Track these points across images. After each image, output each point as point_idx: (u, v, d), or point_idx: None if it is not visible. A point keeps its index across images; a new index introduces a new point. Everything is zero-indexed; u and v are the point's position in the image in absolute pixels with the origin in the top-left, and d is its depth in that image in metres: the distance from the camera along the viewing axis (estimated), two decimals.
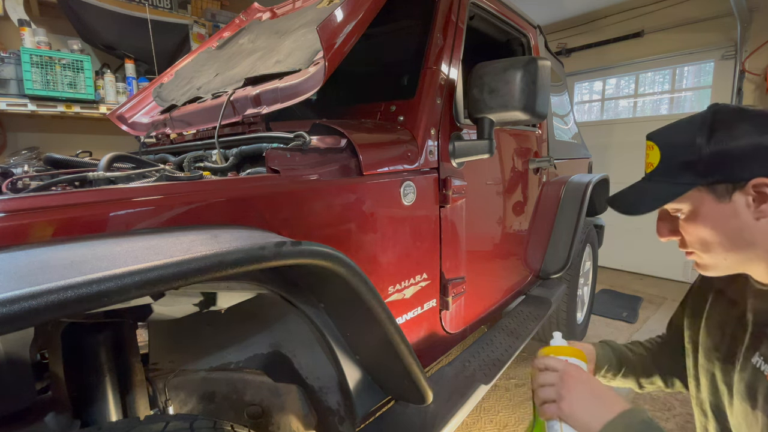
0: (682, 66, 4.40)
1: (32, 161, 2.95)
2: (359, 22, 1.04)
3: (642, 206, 0.76)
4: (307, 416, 1.03)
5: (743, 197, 0.68)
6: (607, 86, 4.99)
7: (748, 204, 0.68)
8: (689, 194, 0.72)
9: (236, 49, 1.77)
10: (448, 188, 1.31)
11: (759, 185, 0.67)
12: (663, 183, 0.75)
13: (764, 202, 0.67)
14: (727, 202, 0.69)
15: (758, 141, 0.66)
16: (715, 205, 0.70)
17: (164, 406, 0.96)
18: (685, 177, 0.71)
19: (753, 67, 3.84)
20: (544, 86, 1.18)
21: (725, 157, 0.68)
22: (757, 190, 0.67)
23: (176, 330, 1.15)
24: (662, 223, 0.80)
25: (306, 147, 0.99)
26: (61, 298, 0.41)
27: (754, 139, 0.67)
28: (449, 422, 1.15)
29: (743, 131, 0.68)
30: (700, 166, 0.70)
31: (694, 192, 0.71)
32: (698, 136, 0.70)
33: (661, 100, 4.61)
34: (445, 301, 1.37)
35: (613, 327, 3.15)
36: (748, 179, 0.67)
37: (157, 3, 3.35)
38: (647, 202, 0.76)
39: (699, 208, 0.72)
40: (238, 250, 0.57)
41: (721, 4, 3.82)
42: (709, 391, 0.83)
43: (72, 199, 0.63)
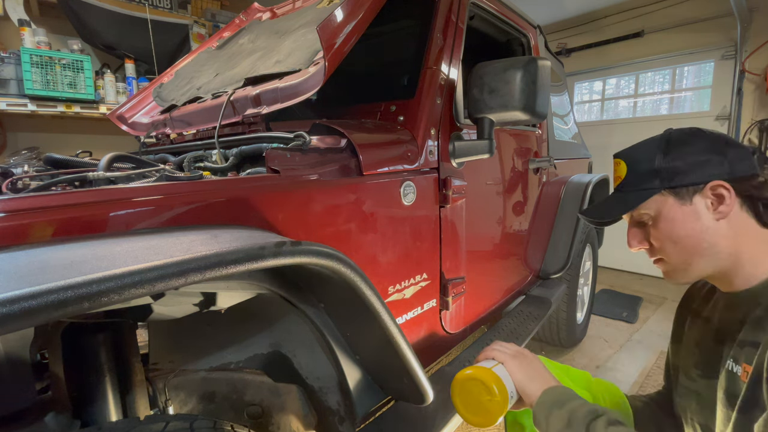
0: (682, 66, 4.40)
1: (32, 161, 2.95)
2: (359, 22, 1.04)
3: (614, 212, 0.83)
4: (307, 416, 1.03)
5: (703, 200, 0.74)
6: (607, 86, 4.99)
7: (707, 206, 0.74)
8: (655, 198, 0.78)
9: (236, 49, 1.77)
10: (448, 188, 1.31)
11: (716, 187, 0.73)
12: (631, 191, 0.81)
13: (722, 203, 0.73)
14: (689, 205, 0.75)
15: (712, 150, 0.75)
16: (678, 207, 0.76)
17: (164, 406, 0.95)
18: (651, 183, 0.78)
19: (753, 67, 3.84)
20: (544, 86, 1.18)
21: (684, 164, 0.75)
22: (714, 193, 0.73)
23: (176, 330, 1.15)
24: (632, 232, 0.84)
25: (306, 147, 0.99)
26: (61, 298, 0.41)
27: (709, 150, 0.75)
28: (449, 422, 1.15)
29: (699, 146, 0.76)
30: (663, 173, 0.77)
31: (658, 196, 0.77)
32: (658, 150, 0.78)
33: (661, 100, 4.61)
34: (445, 301, 1.37)
35: (613, 327, 3.15)
36: (707, 182, 0.74)
37: (157, 3, 3.35)
38: (617, 208, 0.83)
39: (664, 211, 0.77)
40: (238, 250, 0.57)
41: (721, 4, 3.82)
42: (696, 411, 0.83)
43: (72, 199, 0.63)
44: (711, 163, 0.74)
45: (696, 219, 0.75)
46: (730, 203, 0.73)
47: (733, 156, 0.74)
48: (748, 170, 0.74)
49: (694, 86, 4.39)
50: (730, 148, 0.75)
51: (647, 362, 2.58)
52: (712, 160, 0.74)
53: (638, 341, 2.90)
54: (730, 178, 0.73)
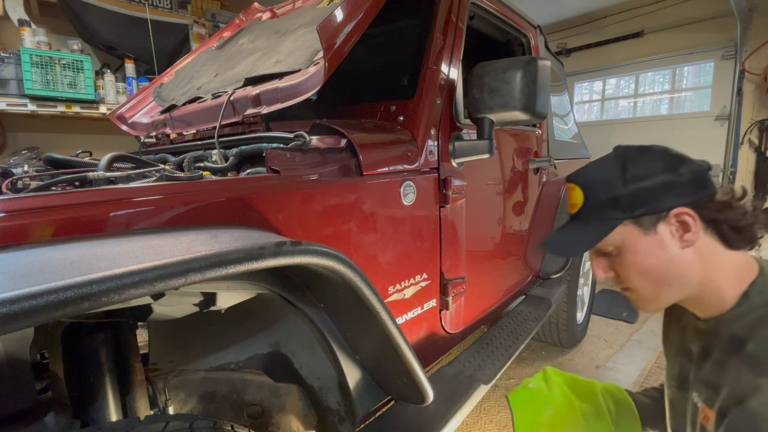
0: (682, 66, 4.40)
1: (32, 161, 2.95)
2: (359, 22, 1.04)
3: (577, 247, 0.80)
4: (307, 416, 1.03)
5: (667, 227, 0.71)
6: (607, 86, 5.00)
7: (672, 234, 0.71)
8: (618, 229, 0.74)
9: (236, 49, 1.77)
10: (448, 188, 1.31)
11: (679, 214, 0.70)
12: (592, 221, 0.76)
13: (687, 231, 0.70)
14: (653, 234, 0.72)
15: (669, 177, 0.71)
16: (642, 237, 0.72)
17: (164, 406, 0.96)
18: (612, 213, 0.74)
19: (753, 67, 3.84)
20: (544, 86, 1.18)
21: (644, 192, 0.71)
22: (678, 220, 0.70)
23: (176, 330, 1.15)
24: (596, 261, 0.81)
25: (306, 147, 0.99)
26: (61, 298, 0.41)
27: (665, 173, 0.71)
28: (449, 422, 1.15)
29: (655, 167, 0.72)
30: (623, 201, 0.72)
31: (621, 227, 0.73)
32: (616, 174, 0.74)
33: (661, 100, 4.61)
34: (445, 301, 1.37)
35: (613, 327, 3.15)
36: (670, 209, 0.70)
37: (157, 3, 3.35)
38: (581, 243, 0.78)
39: (628, 243, 0.74)
40: (238, 250, 0.57)
41: (721, 4, 3.82)
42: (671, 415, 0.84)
43: (72, 199, 0.63)
44: (672, 188, 0.71)
45: (662, 248, 0.71)
46: (695, 230, 0.70)
47: (690, 176, 0.71)
48: (707, 190, 0.71)
49: (694, 86, 4.39)
50: (684, 166, 0.72)
51: (647, 362, 2.58)
52: (672, 183, 0.71)
53: (638, 341, 2.90)
54: (692, 202, 0.70)
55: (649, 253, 0.72)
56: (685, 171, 0.71)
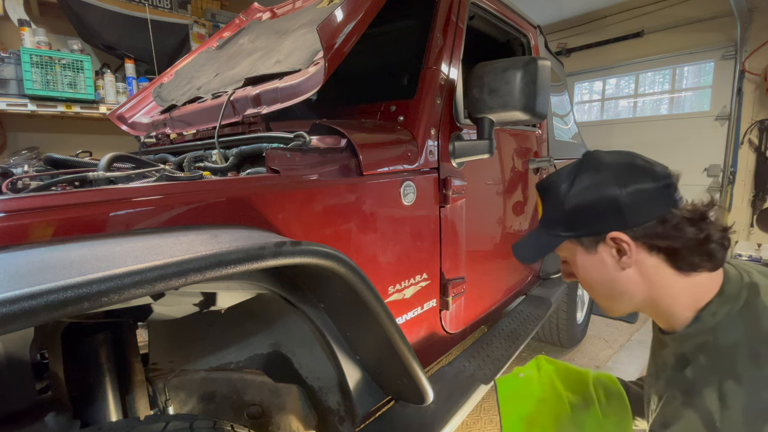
0: (682, 66, 4.40)
1: (32, 161, 2.95)
2: (359, 22, 1.04)
3: (530, 256, 0.84)
4: (307, 416, 1.03)
5: (607, 248, 0.72)
6: (607, 86, 5.00)
7: (612, 255, 0.72)
8: (565, 245, 0.77)
9: (236, 49, 1.77)
10: (448, 188, 1.31)
11: (615, 239, 0.70)
12: (544, 234, 0.80)
13: (624, 255, 0.70)
14: (594, 254, 0.74)
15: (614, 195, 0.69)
16: (586, 255, 0.75)
17: (164, 406, 0.96)
18: (557, 229, 0.77)
19: (753, 67, 3.84)
20: (544, 86, 1.18)
21: (583, 213, 0.73)
22: (615, 243, 0.71)
23: (176, 330, 1.15)
24: (563, 266, 0.85)
25: (306, 147, 0.99)
26: (61, 298, 0.41)
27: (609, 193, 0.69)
28: (449, 422, 1.15)
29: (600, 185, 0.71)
30: (565, 221, 0.75)
31: (567, 243, 0.77)
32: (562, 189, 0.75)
33: (661, 100, 4.61)
34: (445, 301, 1.37)
35: (614, 327, 3.15)
36: (606, 233, 0.71)
37: (157, 3, 3.35)
38: (532, 253, 0.83)
39: (575, 258, 0.77)
40: (238, 250, 0.57)
41: (721, 4, 3.82)
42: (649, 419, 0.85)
43: (72, 199, 0.63)
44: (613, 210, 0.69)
45: (603, 268, 0.73)
46: (631, 255, 0.70)
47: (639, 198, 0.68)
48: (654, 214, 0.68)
49: (694, 86, 4.39)
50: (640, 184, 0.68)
51: (647, 362, 2.58)
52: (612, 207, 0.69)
53: (638, 341, 2.90)
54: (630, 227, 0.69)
55: (592, 271, 0.75)
56: (633, 191, 0.68)
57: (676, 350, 0.71)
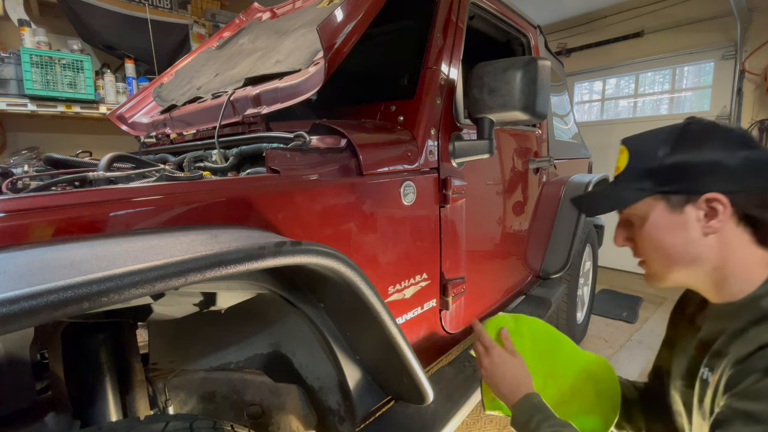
0: (682, 66, 4.40)
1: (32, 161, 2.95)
2: (359, 22, 1.04)
3: (600, 208, 0.80)
4: (307, 416, 1.03)
5: (695, 211, 0.69)
6: (607, 86, 4.99)
7: (698, 218, 0.69)
8: (645, 201, 0.73)
9: (236, 49, 1.77)
10: (448, 188, 1.31)
11: (711, 200, 0.67)
12: (624, 188, 0.76)
13: (714, 218, 0.67)
14: (679, 214, 0.70)
15: (720, 157, 0.67)
16: (667, 214, 0.71)
17: (164, 406, 0.96)
18: (644, 183, 0.73)
19: (753, 67, 3.84)
20: (544, 86, 1.18)
21: (684, 169, 0.69)
22: (709, 205, 0.68)
23: (176, 330, 1.15)
24: (620, 229, 0.81)
25: (306, 147, 0.99)
26: (61, 298, 0.41)
27: (716, 155, 0.67)
28: (449, 422, 1.15)
29: (709, 146, 0.68)
30: (659, 175, 0.71)
31: (650, 199, 0.72)
32: (663, 145, 0.71)
33: (661, 100, 4.61)
34: (445, 301, 1.37)
35: (613, 327, 3.15)
36: (703, 193, 0.67)
37: (157, 3, 3.35)
38: (604, 205, 0.79)
39: (652, 216, 0.73)
40: (238, 250, 0.57)
41: (721, 4, 3.82)
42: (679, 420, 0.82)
43: (72, 199, 0.63)
44: (715, 172, 0.67)
45: (683, 229, 0.70)
46: (722, 219, 0.67)
47: (747, 165, 0.66)
48: (758, 184, 0.66)
49: (694, 86, 4.39)
50: (748, 153, 0.67)
51: (647, 362, 2.58)
52: (719, 167, 0.67)
53: (638, 341, 2.90)
54: (732, 191, 0.66)
55: (670, 231, 0.71)
56: (742, 156, 0.66)
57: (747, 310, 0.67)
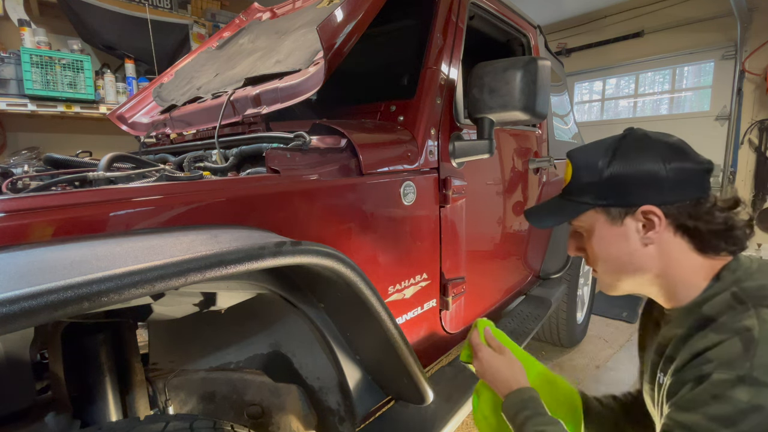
0: (682, 66, 4.40)
1: (32, 161, 2.95)
2: (359, 22, 1.04)
3: (546, 222, 0.84)
4: (307, 416, 1.03)
5: (634, 222, 0.72)
6: (607, 86, 5.00)
7: (637, 229, 0.72)
8: (588, 214, 0.76)
9: (236, 49, 1.77)
10: (448, 188, 1.31)
11: (647, 212, 0.70)
12: (568, 201, 0.79)
13: (651, 229, 0.70)
14: (619, 226, 0.73)
15: (654, 169, 0.69)
16: (609, 227, 0.74)
17: (164, 406, 0.95)
18: (585, 197, 0.76)
19: (753, 67, 3.84)
20: (544, 86, 1.18)
21: (620, 182, 0.72)
22: (645, 217, 0.71)
23: (176, 330, 1.15)
24: (572, 239, 0.85)
25: (306, 147, 0.99)
26: (61, 298, 0.41)
27: (650, 167, 0.70)
28: (449, 422, 1.15)
29: (644, 158, 0.71)
30: (598, 188, 0.74)
31: (592, 212, 0.76)
32: (602, 158, 0.74)
33: (661, 100, 4.61)
34: (445, 301, 1.37)
35: (613, 327, 3.15)
36: (639, 206, 0.70)
37: (157, 3, 3.35)
38: (550, 219, 0.83)
39: (595, 228, 0.76)
40: (238, 250, 0.57)
41: (721, 4, 3.82)
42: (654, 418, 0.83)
43: (72, 199, 0.63)
44: (651, 184, 0.70)
45: (624, 240, 0.73)
46: (659, 230, 0.70)
47: (680, 176, 0.69)
48: (691, 195, 0.69)
49: (694, 86, 4.39)
50: (682, 163, 0.70)
51: None
52: (652, 180, 0.69)
53: None
54: (665, 203, 0.69)
55: (612, 243, 0.75)
56: (675, 168, 0.69)
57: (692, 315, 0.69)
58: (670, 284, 0.73)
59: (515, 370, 0.90)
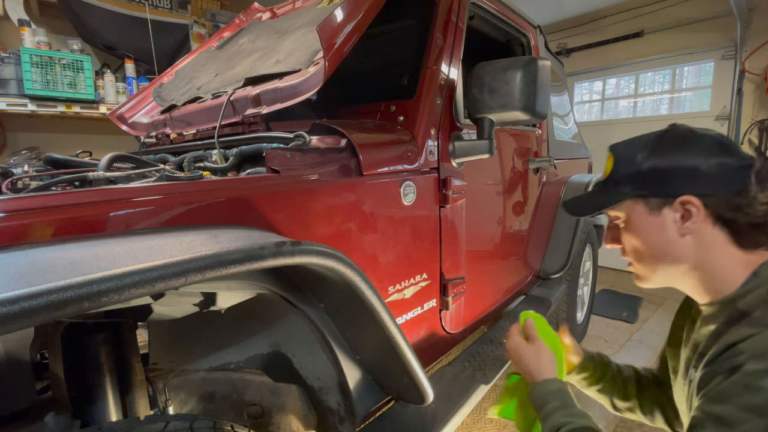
0: (682, 66, 4.40)
1: (32, 161, 2.95)
2: (359, 22, 1.04)
3: (583, 210, 0.84)
4: (307, 416, 1.03)
5: (671, 213, 0.72)
6: (607, 86, 4.99)
7: (675, 220, 0.72)
8: (626, 203, 0.77)
9: (236, 49, 1.77)
10: (448, 188, 1.31)
11: (686, 202, 0.70)
12: (607, 192, 0.80)
13: (689, 220, 0.70)
14: (657, 216, 0.74)
15: (695, 163, 0.70)
16: (646, 217, 0.75)
17: (164, 406, 0.96)
18: (624, 187, 0.77)
19: (753, 67, 3.84)
20: (544, 86, 1.18)
21: (660, 173, 0.73)
22: (684, 207, 0.71)
23: (176, 330, 1.15)
24: (608, 231, 0.85)
25: (306, 147, 0.99)
26: (61, 298, 0.41)
27: (691, 161, 0.70)
28: (449, 422, 1.15)
29: (685, 152, 0.71)
30: (637, 179, 0.75)
31: (630, 202, 0.76)
32: (642, 151, 0.75)
33: (661, 100, 4.61)
34: (445, 301, 1.37)
35: (613, 327, 3.14)
36: (677, 196, 0.71)
37: (157, 3, 3.35)
38: (587, 208, 0.84)
39: (633, 218, 0.77)
40: (238, 250, 0.57)
41: (721, 4, 3.82)
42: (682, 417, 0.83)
43: (72, 199, 0.63)
44: (690, 175, 0.70)
45: (661, 231, 0.73)
46: (696, 221, 0.70)
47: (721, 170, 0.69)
48: (732, 188, 0.68)
49: (694, 86, 4.39)
50: (724, 158, 0.69)
51: (647, 362, 2.58)
52: (693, 172, 0.70)
53: (638, 341, 2.90)
54: (705, 194, 0.69)
55: (649, 233, 0.75)
56: (716, 162, 0.69)
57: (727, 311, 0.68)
58: (706, 277, 0.73)
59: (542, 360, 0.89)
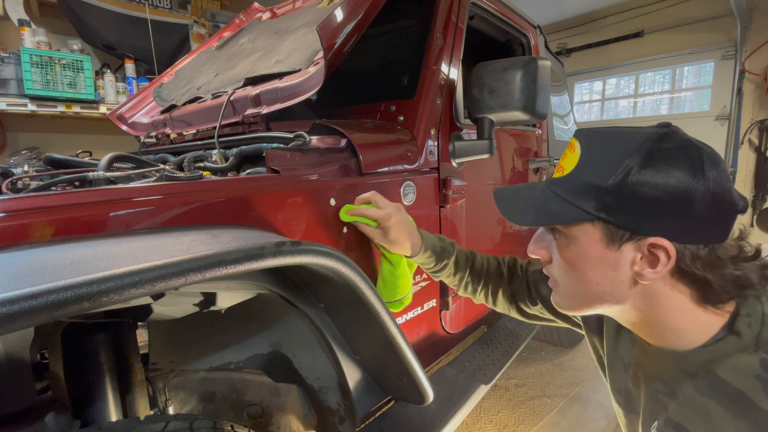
0: (682, 66, 4.40)
1: (32, 161, 2.95)
2: (359, 22, 1.04)
3: (526, 217, 0.65)
4: (307, 416, 1.03)
5: (632, 252, 0.56)
6: (607, 86, 5.00)
7: (634, 261, 0.56)
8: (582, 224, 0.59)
9: (236, 49, 1.77)
10: (448, 188, 1.31)
11: (657, 247, 0.54)
12: (561, 200, 0.60)
13: (652, 268, 0.55)
14: (613, 251, 0.57)
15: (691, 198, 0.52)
16: (599, 247, 0.58)
17: (164, 406, 0.96)
18: (587, 202, 0.57)
19: (753, 67, 3.84)
20: (544, 86, 1.18)
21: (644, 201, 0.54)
22: (651, 251, 0.55)
23: (176, 330, 1.15)
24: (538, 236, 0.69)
25: (306, 147, 0.99)
26: (61, 298, 0.41)
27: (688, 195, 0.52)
28: (449, 422, 1.15)
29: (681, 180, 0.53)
30: (608, 198, 0.55)
31: (588, 224, 0.58)
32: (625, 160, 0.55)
33: (661, 100, 4.62)
34: (445, 301, 1.37)
35: None
36: (649, 235, 0.55)
37: (157, 3, 3.35)
38: (532, 215, 0.64)
39: (581, 241, 0.60)
40: (238, 250, 0.57)
41: (721, 4, 3.83)
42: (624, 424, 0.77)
43: (72, 199, 0.63)
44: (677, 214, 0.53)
45: (611, 269, 0.58)
46: (659, 272, 0.55)
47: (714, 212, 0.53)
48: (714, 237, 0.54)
49: (694, 86, 4.39)
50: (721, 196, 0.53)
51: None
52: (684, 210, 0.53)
53: None
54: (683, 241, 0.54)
55: (595, 265, 0.59)
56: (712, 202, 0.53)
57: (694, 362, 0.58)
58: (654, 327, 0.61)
59: None
